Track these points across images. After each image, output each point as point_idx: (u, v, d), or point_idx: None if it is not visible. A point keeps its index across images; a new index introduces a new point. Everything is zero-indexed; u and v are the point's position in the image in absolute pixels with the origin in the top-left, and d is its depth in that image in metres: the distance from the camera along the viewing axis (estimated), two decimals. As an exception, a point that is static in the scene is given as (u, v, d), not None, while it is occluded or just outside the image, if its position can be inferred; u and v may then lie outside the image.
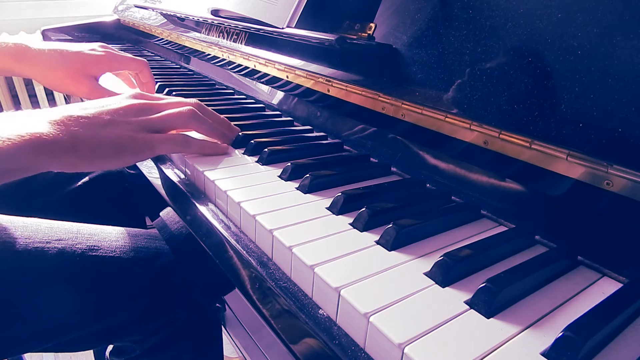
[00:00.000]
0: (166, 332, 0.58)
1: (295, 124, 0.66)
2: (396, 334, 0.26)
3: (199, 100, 0.54)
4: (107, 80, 0.87)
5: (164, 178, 0.53)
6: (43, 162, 0.38)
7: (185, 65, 1.01)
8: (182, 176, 0.52)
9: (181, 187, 0.50)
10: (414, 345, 0.26)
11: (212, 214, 0.44)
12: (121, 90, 0.77)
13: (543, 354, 0.26)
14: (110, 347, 0.66)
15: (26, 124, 0.38)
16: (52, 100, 2.13)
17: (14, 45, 0.62)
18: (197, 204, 0.46)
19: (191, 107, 0.50)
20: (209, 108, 0.55)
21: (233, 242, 0.40)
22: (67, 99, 2.08)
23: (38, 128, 0.38)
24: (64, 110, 0.42)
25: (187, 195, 0.48)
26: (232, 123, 0.59)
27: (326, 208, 0.41)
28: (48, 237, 0.48)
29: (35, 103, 2.09)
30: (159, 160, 0.56)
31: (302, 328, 0.31)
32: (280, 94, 0.71)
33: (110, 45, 0.70)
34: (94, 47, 0.66)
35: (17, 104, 2.04)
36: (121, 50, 0.74)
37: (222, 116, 0.56)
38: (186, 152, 0.51)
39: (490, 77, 0.40)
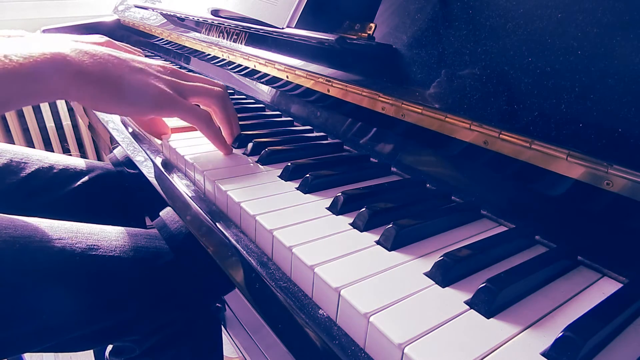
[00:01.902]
0: (166, 332, 0.58)
1: (295, 124, 0.66)
2: (396, 334, 0.26)
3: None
4: None
5: (164, 178, 0.53)
6: (64, 86, 0.38)
7: (185, 65, 1.01)
8: (182, 176, 0.52)
9: (181, 187, 0.50)
10: (414, 345, 0.26)
11: (212, 213, 0.44)
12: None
13: (543, 354, 0.26)
14: (110, 347, 0.66)
15: (53, 44, 0.38)
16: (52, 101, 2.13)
17: (18, 36, 0.62)
18: (196, 204, 0.46)
19: (221, 90, 0.52)
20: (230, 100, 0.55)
21: (233, 242, 0.40)
22: (67, 99, 2.08)
23: (66, 50, 0.38)
24: (94, 46, 0.43)
25: (186, 195, 0.48)
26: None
27: (326, 208, 0.41)
28: (48, 237, 0.48)
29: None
30: (158, 161, 0.56)
31: (302, 328, 0.31)
32: (280, 94, 0.71)
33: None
34: (93, 37, 0.67)
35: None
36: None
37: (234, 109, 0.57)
38: (202, 130, 0.51)
39: (490, 77, 0.40)
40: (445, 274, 0.31)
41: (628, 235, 0.33)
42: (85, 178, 0.71)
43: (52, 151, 1.54)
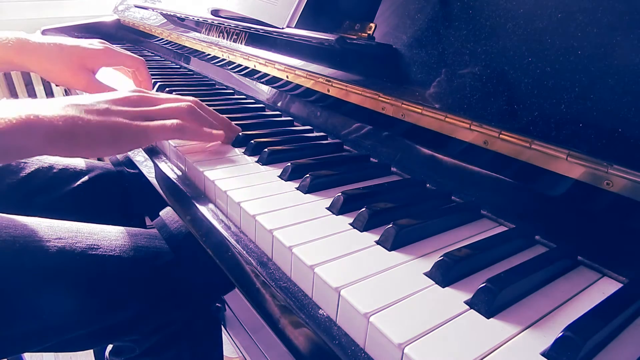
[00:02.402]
0: (166, 331, 0.58)
1: (295, 124, 0.66)
2: (396, 334, 0.26)
3: (198, 100, 0.54)
4: (107, 75, 0.87)
5: (164, 178, 0.53)
6: (39, 144, 0.40)
7: (185, 65, 1.01)
8: (182, 176, 0.52)
9: (181, 187, 0.50)
10: (414, 345, 0.26)
11: (212, 213, 0.44)
12: (119, 85, 0.77)
13: (543, 354, 0.26)
14: (110, 347, 0.66)
15: (24, 107, 0.40)
16: (52, 100, 2.12)
17: (15, 39, 0.62)
18: (196, 204, 0.46)
19: (189, 103, 0.51)
20: (208, 107, 0.55)
21: (233, 242, 0.40)
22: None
23: (35, 111, 0.40)
24: (63, 99, 0.44)
25: (186, 195, 0.48)
26: (232, 123, 0.59)
27: (326, 208, 0.41)
28: (48, 236, 0.48)
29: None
30: (158, 160, 0.56)
31: (302, 328, 0.31)
32: (280, 94, 0.71)
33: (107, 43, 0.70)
34: (92, 42, 0.67)
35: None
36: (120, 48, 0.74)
37: (221, 115, 0.56)
38: (181, 138, 0.51)
39: (490, 77, 0.40)
40: (445, 274, 0.31)
41: (628, 235, 0.33)
42: (85, 178, 0.71)
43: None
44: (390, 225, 0.36)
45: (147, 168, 0.58)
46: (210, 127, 0.53)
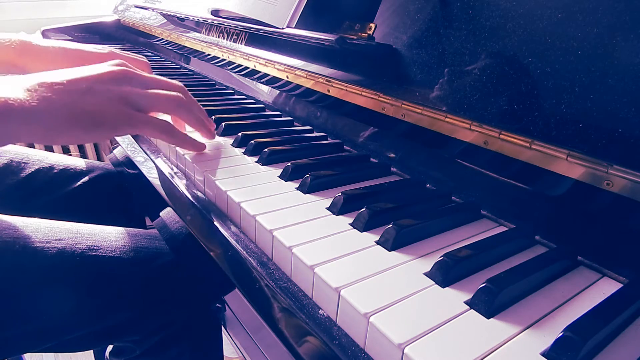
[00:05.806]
0: (166, 332, 0.58)
1: (295, 124, 0.66)
2: (396, 334, 0.26)
3: (198, 100, 0.54)
4: None
5: (164, 178, 0.53)
6: (11, 131, 0.36)
7: (185, 66, 1.01)
8: (182, 176, 0.52)
9: (181, 187, 0.50)
10: (414, 346, 0.26)
11: (212, 214, 0.44)
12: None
13: (543, 354, 0.26)
14: (110, 347, 0.66)
15: None
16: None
17: (18, 40, 0.61)
18: (197, 204, 0.46)
19: (180, 94, 0.49)
20: (191, 95, 0.52)
21: (233, 242, 0.40)
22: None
23: (6, 93, 0.36)
24: (37, 77, 0.39)
25: (186, 195, 0.48)
26: (232, 123, 0.59)
27: (326, 208, 0.41)
28: (48, 237, 0.48)
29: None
30: (157, 159, 0.56)
31: (302, 328, 0.31)
32: (280, 94, 0.71)
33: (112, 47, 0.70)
34: (96, 46, 0.66)
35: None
36: (122, 50, 0.74)
37: (202, 107, 0.54)
38: (167, 141, 0.50)
39: (490, 77, 0.40)
40: (445, 274, 0.31)
41: (628, 235, 0.33)
42: (86, 178, 0.71)
43: (52, 151, 1.54)
44: (391, 226, 0.36)
45: (147, 168, 0.58)
46: (196, 121, 0.51)
